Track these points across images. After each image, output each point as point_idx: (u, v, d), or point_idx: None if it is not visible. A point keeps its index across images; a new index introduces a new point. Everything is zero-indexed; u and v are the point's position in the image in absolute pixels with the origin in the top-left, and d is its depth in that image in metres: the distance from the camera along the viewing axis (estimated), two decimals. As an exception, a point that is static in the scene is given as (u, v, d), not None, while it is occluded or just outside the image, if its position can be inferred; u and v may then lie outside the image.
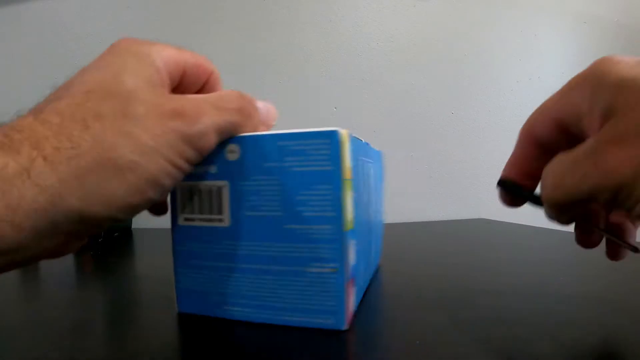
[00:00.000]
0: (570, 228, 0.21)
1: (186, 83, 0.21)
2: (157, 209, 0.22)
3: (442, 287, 0.27)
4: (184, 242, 0.21)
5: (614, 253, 0.21)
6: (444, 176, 0.77)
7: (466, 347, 0.18)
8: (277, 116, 0.23)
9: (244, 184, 0.20)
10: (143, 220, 0.45)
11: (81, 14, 0.68)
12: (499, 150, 0.75)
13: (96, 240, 0.50)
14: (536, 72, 0.82)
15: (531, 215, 0.40)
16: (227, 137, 0.20)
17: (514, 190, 0.20)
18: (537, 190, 0.19)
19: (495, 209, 0.72)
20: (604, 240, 0.21)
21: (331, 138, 0.18)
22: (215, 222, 0.21)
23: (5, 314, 0.23)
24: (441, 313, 0.22)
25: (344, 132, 0.19)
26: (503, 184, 0.20)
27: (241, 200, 0.20)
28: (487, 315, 0.21)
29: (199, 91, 0.22)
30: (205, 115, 0.18)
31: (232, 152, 0.20)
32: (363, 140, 0.25)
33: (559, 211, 0.17)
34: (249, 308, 0.21)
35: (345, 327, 0.19)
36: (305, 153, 0.19)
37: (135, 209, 0.17)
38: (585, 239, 0.21)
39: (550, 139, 0.19)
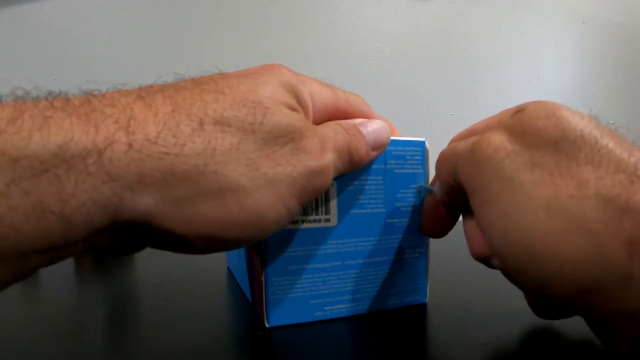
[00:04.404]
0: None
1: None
2: None
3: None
4: (281, 249, 0.20)
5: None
6: (444, 177, 0.77)
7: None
8: (388, 137, 0.20)
9: (350, 184, 0.21)
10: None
11: (80, 14, 0.69)
12: (499, 150, 0.75)
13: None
14: (535, 72, 0.82)
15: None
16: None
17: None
18: None
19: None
20: None
21: (422, 146, 0.23)
22: (322, 222, 0.20)
23: (5, 314, 0.23)
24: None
25: (426, 142, 0.23)
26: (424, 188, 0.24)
27: (348, 200, 0.21)
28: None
29: None
30: (327, 150, 0.16)
31: None
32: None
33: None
34: (353, 302, 0.21)
35: (426, 300, 0.24)
36: (404, 157, 0.22)
37: (220, 244, 0.14)
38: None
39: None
